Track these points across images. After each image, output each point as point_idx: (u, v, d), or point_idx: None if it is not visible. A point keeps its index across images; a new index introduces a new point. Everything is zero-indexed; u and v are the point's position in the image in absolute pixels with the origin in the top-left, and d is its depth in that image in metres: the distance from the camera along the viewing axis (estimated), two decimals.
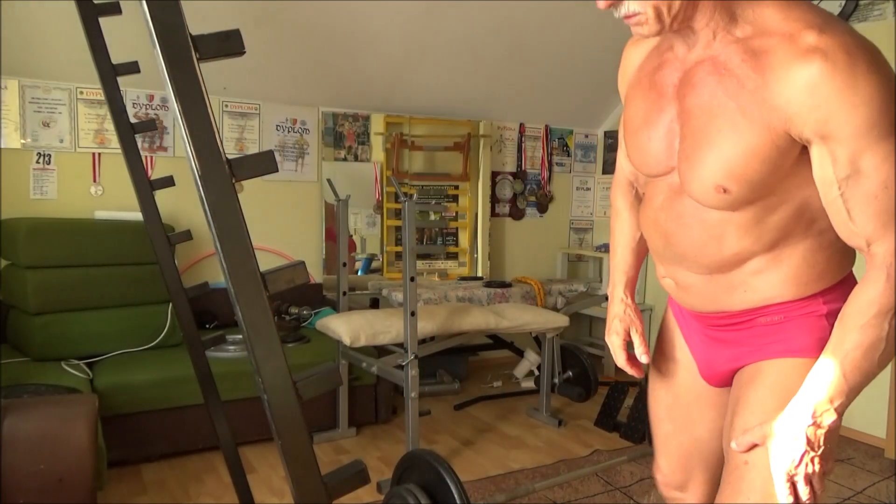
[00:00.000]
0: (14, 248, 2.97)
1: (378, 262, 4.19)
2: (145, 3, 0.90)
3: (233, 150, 3.74)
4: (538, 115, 4.70)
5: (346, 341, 2.79)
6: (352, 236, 4.07)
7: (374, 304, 3.89)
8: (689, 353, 1.32)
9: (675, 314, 1.35)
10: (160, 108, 3.55)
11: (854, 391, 0.99)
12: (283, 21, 3.34)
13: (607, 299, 1.41)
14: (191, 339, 2.01)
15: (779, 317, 1.12)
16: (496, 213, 4.64)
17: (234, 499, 2.21)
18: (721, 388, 1.29)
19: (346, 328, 2.81)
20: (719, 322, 1.20)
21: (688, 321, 1.30)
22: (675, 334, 1.35)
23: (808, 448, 0.99)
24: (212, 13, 3.03)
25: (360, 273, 4.14)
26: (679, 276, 1.20)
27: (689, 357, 1.32)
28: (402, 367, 2.74)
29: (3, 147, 3.19)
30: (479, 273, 4.45)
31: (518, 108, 4.56)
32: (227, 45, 0.96)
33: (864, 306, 0.97)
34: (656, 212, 1.17)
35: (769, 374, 1.13)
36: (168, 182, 1.96)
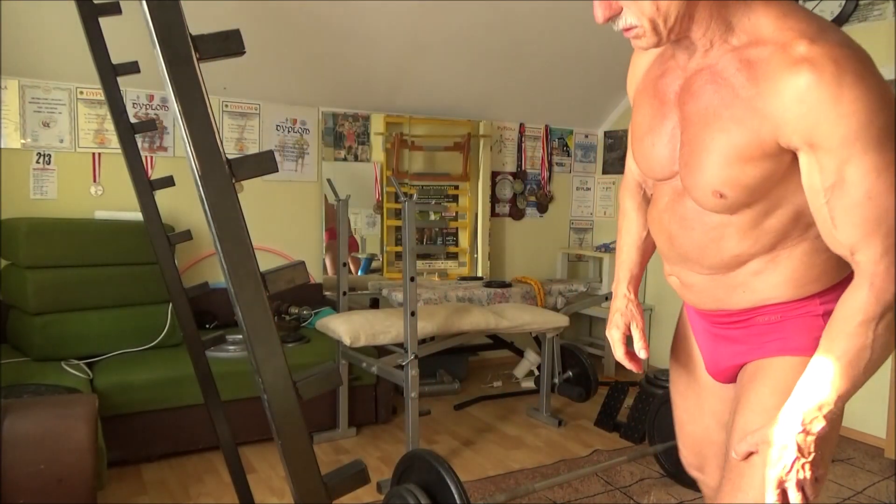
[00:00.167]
0: (14, 248, 2.97)
1: (378, 262, 4.19)
2: (145, 3, 0.90)
3: (233, 150, 3.74)
4: (538, 115, 4.70)
5: (346, 341, 2.79)
6: (352, 236, 4.07)
7: (374, 304, 3.90)
8: (698, 348, 1.37)
9: (687, 310, 1.39)
10: (160, 108, 3.55)
11: (843, 398, 1.00)
12: (283, 21, 3.34)
13: (607, 299, 1.44)
14: (191, 339, 2.01)
15: (776, 316, 1.15)
16: (496, 213, 4.63)
17: (234, 499, 2.21)
18: (728, 385, 1.32)
19: (346, 328, 2.81)
20: (721, 320, 1.24)
21: (695, 318, 1.35)
22: (688, 329, 1.39)
23: (798, 455, 1.00)
24: (212, 13, 3.03)
25: (360, 273, 4.14)
26: (683, 275, 1.24)
27: (699, 352, 1.37)
28: (402, 367, 2.74)
29: (3, 147, 3.19)
30: (479, 273, 4.45)
31: (518, 108, 4.56)
32: (227, 45, 0.96)
33: (848, 314, 0.99)
34: (661, 213, 1.21)
35: (768, 373, 1.16)
36: (168, 182, 1.96)
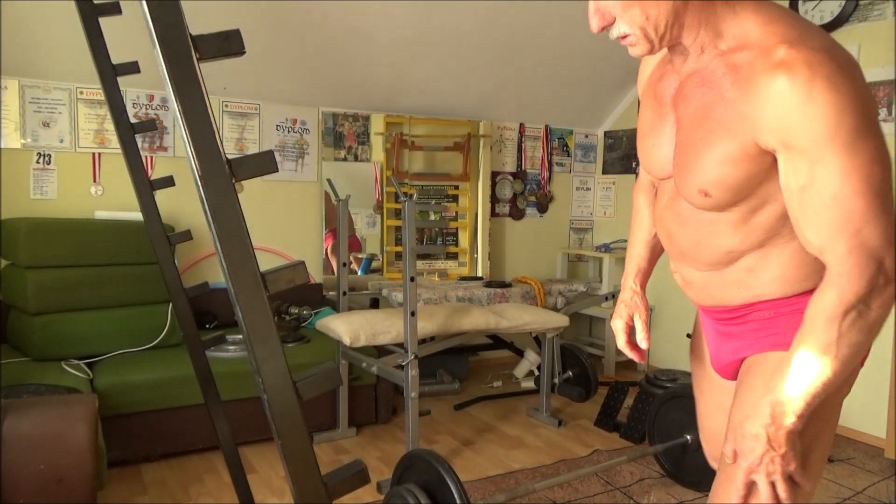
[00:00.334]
0: (14, 248, 2.97)
1: (378, 262, 4.19)
2: (145, 3, 0.90)
3: (233, 150, 3.74)
4: (538, 115, 4.70)
5: (346, 341, 2.79)
6: (353, 236, 4.07)
7: (374, 304, 3.90)
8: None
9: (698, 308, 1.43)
10: (160, 108, 3.55)
11: (812, 395, 1.01)
12: (283, 21, 3.34)
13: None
14: (191, 339, 2.01)
15: (769, 313, 1.18)
16: (496, 213, 4.64)
17: (234, 499, 2.21)
18: (733, 381, 1.34)
19: (346, 328, 2.81)
20: (721, 316, 1.27)
21: (703, 316, 1.38)
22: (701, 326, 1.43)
23: (768, 447, 1.02)
24: (212, 13, 3.03)
25: (360, 273, 4.14)
26: (683, 271, 1.28)
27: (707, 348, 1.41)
28: (402, 367, 2.74)
29: (3, 147, 3.19)
30: (479, 273, 4.45)
31: (518, 108, 4.56)
32: (227, 45, 0.96)
33: (815, 313, 1.01)
34: (662, 211, 1.26)
35: (761, 368, 1.19)
36: (168, 182, 1.96)
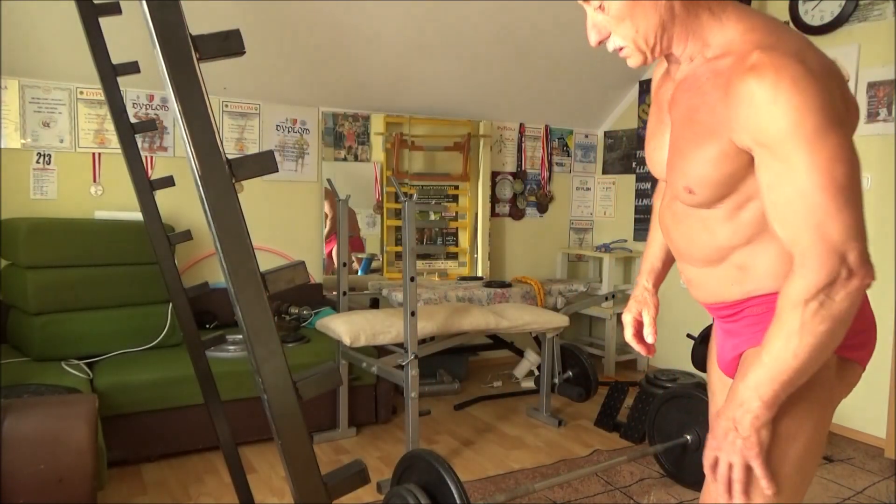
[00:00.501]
0: (14, 248, 2.97)
1: (378, 262, 4.19)
2: (145, 3, 0.90)
3: (233, 150, 3.74)
4: (538, 115, 4.70)
5: (346, 341, 2.79)
6: (356, 237, 4.07)
7: (374, 304, 3.90)
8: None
9: None
10: (160, 108, 3.55)
11: (778, 381, 1.04)
12: (283, 21, 3.34)
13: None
14: (191, 339, 2.01)
15: (762, 308, 1.20)
16: (496, 213, 4.64)
17: (234, 499, 2.21)
18: None
19: (346, 328, 2.81)
20: (721, 313, 1.29)
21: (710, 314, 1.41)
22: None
23: (733, 429, 1.08)
24: (212, 13, 3.03)
25: (360, 273, 4.14)
26: (685, 270, 1.32)
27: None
28: (402, 367, 2.74)
29: (3, 147, 3.19)
30: (479, 273, 4.45)
31: (518, 108, 4.56)
32: (227, 45, 0.96)
33: (783, 302, 1.05)
34: (663, 210, 1.32)
35: (751, 361, 1.21)
36: (168, 182, 1.96)
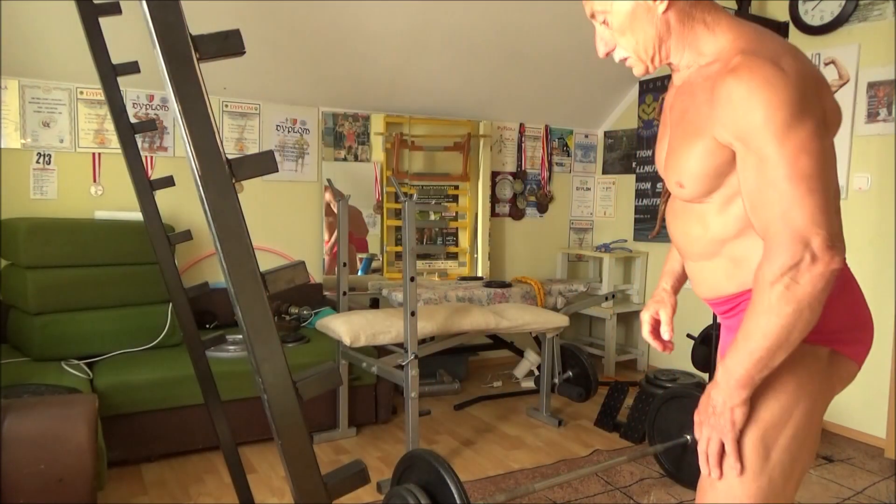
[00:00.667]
0: (14, 248, 2.97)
1: (378, 262, 4.19)
2: (145, 3, 0.90)
3: (233, 150, 3.74)
4: (538, 115, 4.70)
5: (346, 341, 2.79)
6: (362, 237, 4.07)
7: (374, 304, 3.90)
8: None
9: None
10: (160, 108, 3.55)
11: (750, 361, 1.09)
12: (283, 21, 3.34)
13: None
14: (191, 339, 2.01)
15: None
16: (496, 213, 4.64)
17: (234, 499, 2.21)
18: None
19: (346, 328, 2.81)
20: (720, 308, 1.32)
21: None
22: None
23: (711, 406, 1.15)
24: (212, 13, 3.03)
25: (360, 273, 4.14)
26: (688, 266, 1.36)
27: None
28: (402, 367, 2.74)
29: (3, 147, 3.19)
30: (479, 273, 4.45)
31: (518, 108, 4.56)
32: (227, 45, 0.96)
33: (754, 284, 1.10)
34: (667, 209, 1.37)
35: None
36: (168, 182, 1.96)
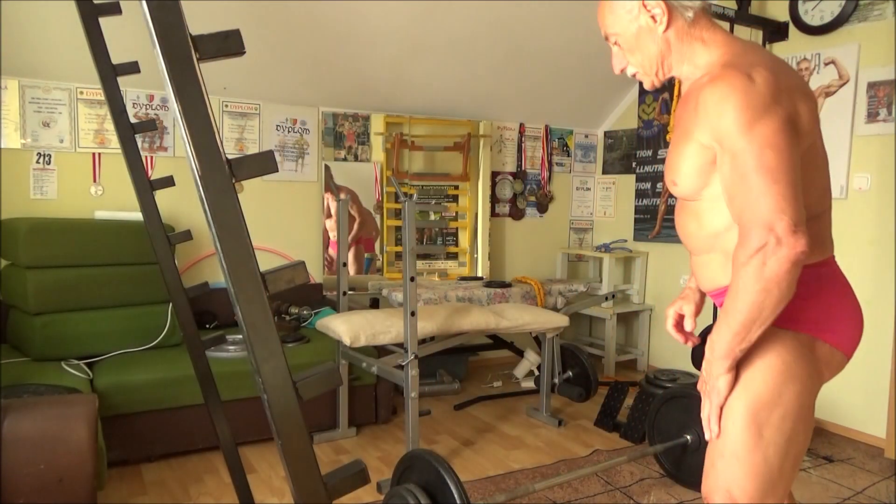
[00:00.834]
0: (14, 248, 2.97)
1: (378, 262, 4.19)
2: (145, 3, 0.90)
3: (233, 150, 3.74)
4: (538, 115, 4.70)
5: (346, 341, 2.79)
6: (370, 237, 4.07)
7: (374, 304, 3.90)
8: None
9: None
10: (160, 108, 3.55)
11: (730, 333, 1.19)
12: (283, 21, 3.34)
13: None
14: (191, 339, 2.01)
15: None
16: (496, 213, 4.64)
17: (234, 499, 2.21)
18: None
19: (346, 328, 2.81)
20: (718, 300, 1.37)
21: None
22: None
23: (706, 374, 1.27)
24: (212, 13, 3.03)
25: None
26: (691, 261, 1.44)
27: None
28: (402, 367, 2.74)
29: (3, 147, 3.19)
30: (479, 273, 4.45)
31: (518, 108, 4.56)
32: (227, 45, 0.96)
33: (732, 264, 1.20)
34: (675, 208, 1.46)
35: None
36: (168, 182, 1.96)
